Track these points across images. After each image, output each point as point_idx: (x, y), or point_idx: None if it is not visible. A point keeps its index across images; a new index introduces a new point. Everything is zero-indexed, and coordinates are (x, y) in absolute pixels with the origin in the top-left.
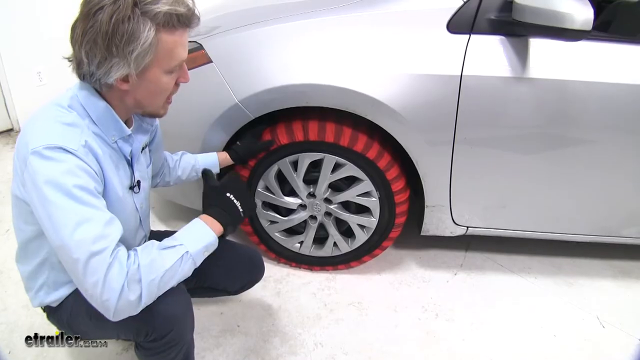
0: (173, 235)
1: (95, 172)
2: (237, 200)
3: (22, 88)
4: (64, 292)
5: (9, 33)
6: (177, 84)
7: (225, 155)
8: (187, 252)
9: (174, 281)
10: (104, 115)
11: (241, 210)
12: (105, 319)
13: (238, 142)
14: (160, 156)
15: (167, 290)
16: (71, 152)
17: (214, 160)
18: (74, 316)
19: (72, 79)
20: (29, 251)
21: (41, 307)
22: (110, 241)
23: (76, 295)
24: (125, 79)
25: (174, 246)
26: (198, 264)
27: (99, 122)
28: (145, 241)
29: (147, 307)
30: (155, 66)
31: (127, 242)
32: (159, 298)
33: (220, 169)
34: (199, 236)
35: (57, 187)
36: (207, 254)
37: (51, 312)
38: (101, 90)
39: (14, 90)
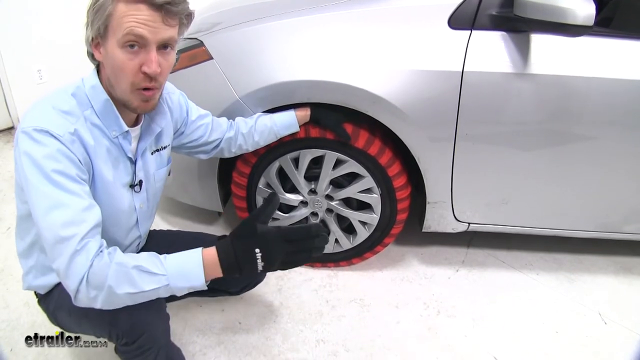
0: (162, 258)
1: (80, 161)
2: (263, 260)
3: (22, 86)
4: (51, 279)
5: (9, 31)
6: (144, 73)
7: (305, 112)
8: (167, 284)
9: (142, 301)
10: (105, 108)
11: (260, 269)
12: (83, 317)
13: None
14: (205, 134)
15: None
16: (56, 137)
17: (291, 120)
18: (57, 308)
19: (72, 78)
20: (22, 229)
21: (34, 293)
22: (82, 228)
23: (62, 287)
24: (97, 45)
25: (156, 274)
26: (178, 295)
27: (100, 115)
28: (139, 243)
29: (116, 310)
30: (111, 37)
31: (115, 238)
32: None
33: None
34: (188, 276)
35: (38, 168)
36: (190, 291)
37: (41, 298)
38: (96, 64)
39: (14, 89)
